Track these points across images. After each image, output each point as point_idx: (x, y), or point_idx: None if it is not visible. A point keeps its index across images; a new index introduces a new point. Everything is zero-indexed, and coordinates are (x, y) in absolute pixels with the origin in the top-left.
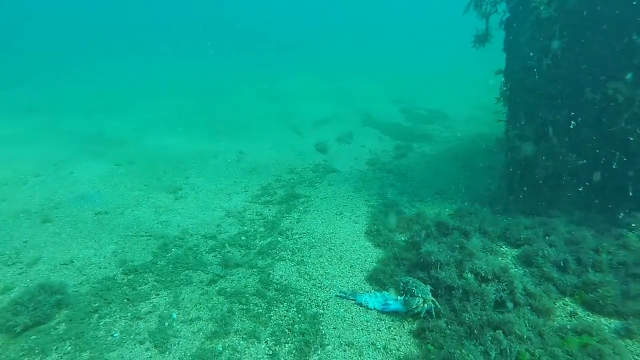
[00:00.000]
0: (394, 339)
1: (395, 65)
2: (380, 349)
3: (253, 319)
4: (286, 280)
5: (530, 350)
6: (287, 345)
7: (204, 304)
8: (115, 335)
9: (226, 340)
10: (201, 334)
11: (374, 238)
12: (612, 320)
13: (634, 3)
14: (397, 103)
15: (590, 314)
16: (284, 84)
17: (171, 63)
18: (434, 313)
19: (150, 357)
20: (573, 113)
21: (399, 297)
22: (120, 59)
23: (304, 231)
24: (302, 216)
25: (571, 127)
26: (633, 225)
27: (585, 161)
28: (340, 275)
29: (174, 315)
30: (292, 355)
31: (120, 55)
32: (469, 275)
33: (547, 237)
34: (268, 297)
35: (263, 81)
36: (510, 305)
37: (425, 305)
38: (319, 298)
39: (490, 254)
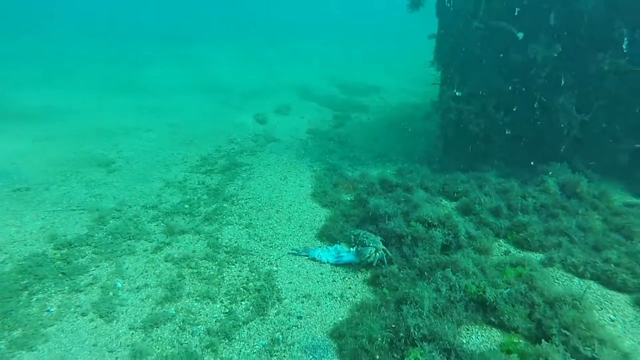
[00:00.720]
0: (350, 287)
1: (331, 42)
2: (337, 297)
3: (205, 281)
4: (236, 242)
5: (476, 283)
6: (243, 302)
7: (150, 271)
8: (51, 310)
9: (178, 303)
10: (150, 300)
11: (320, 199)
12: (537, 253)
13: None
14: (333, 79)
15: (520, 251)
16: (215, 62)
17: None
18: (385, 261)
19: (95, 327)
20: (500, 74)
21: (351, 249)
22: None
23: (249, 196)
24: (246, 183)
25: (497, 86)
26: (550, 173)
27: (510, 118)
28: (290, 235)
29: (119, 285)
30: (250, 311)
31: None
32: (416, 223)
33: (481, 189)
34: (219, 260)
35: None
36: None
37: (377, 254)
38: (272, 256)
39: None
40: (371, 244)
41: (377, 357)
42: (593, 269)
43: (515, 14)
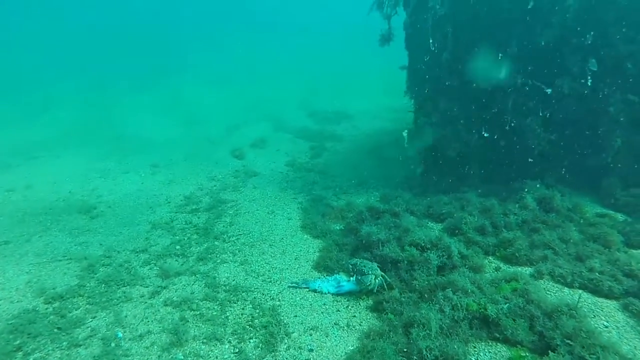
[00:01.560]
0: (354, 316)
1: (302, 70)
2: (344, 327)
3: (209, 322)
4: (234, 280)
5: (476, 301)
6: (251, 340)
7: (151, 317)
8: (119, 335)
9: (185, 348)
10: (156, 347)
11: (311, 230)
12: (526, 267)
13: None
14: (304, 107)
15: (510, 266)
16: (185, 94)
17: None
18: (385, 286)
19: None
20: (471, 100)
21: (350, 278)
22: None
23: (240, 233)
24: (234, 219)
25: (471, 112)
26: (526, 190)
27: (484, 141)
28: (287, 268)
29: (120, 334)
30: (260, 349)
31: None
32: (410, 247)
33: (464, 209)
34: (219, 299)
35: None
36: (450, 267)
37: (376, 280)
38: (272, 291)
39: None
40: (370, 272)
41: None
42: (580, 278)
43: (487, 41)
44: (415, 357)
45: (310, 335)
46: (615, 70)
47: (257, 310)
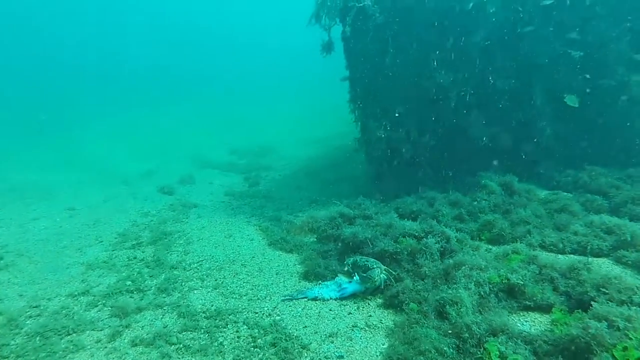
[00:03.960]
0: (370, 315)
1: (218, 108)
2: (365, 328)
3: (200, 353)
4: (212, 305)
5: (495, 274)
6: None
7: None
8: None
9: None
10: None
11: (281, 246)
12: (514, 244)
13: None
14: (225, 144)
15: (498, 246)
16: (92, 144)
17: None
18: (393, 280)
19: None
20: (417, 103)
21: (352, 279)
22: None
23: (201, 259)
24: (188, 247)
25: (419, 113)
26: (483, 181)
27: (435, 140)
28: (272, 284)
29: None
30: None
31: None
32: (405, 238)
33: (432, 205)
34: (203, 327)
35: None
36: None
37: (382, 275)
38: (265, 308)
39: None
40: (375, 265)
41: None
42: (570, 243)
43: (426, 44)
44: (466, 334)
45: (332, 342)
46: (534, 67)
47: (256, 330)
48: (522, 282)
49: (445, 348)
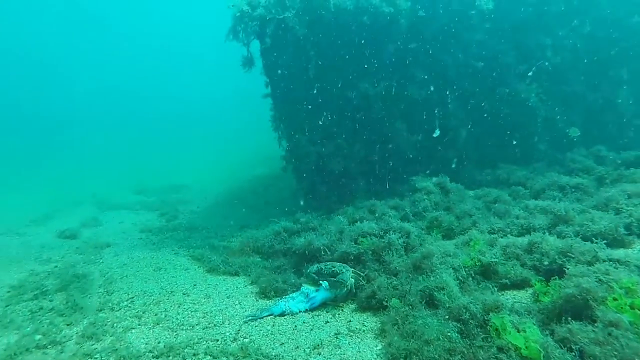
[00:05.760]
0: (350, 320)
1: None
2: (350, 333)
3: None
4: (159, 342)
5: (467, 258)
6: None
7: None
8: None
9: None
10: None
11: (224, 270)
12: (465, 236)
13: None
14: (132, 185)
15: (450, 239)
16: None
17: None
18: (363, 281)
19: None
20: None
21: (320, 287)
22: None
23: (131, 296)
24: (110, 287)
25: (347, 124)
26: (416, 185)
27: (365, 151)
28: (226, 307)
29: None
30: None
31: None
32: (365, 238)
33: (374, 213)
34: None
35: None
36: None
37: (352, 279)
38: (227, 333)
39: None
40: (343, 269)
41: (469, 347)
42: (515, 226)
43: (347, 57)
44: (466, 315)
45: (319, 354)
46: (444, 76)
47: (224, 358)
48: (496, 260)
49: (450, 332)
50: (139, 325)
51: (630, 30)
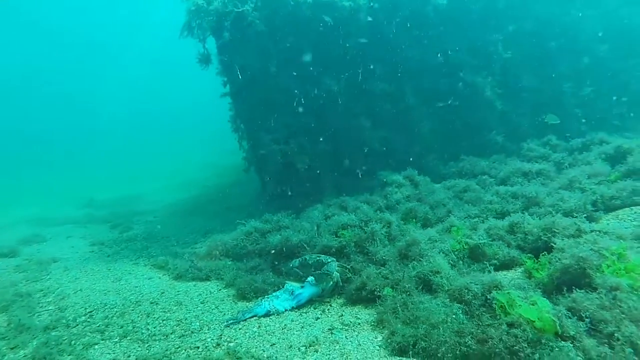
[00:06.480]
0: (342, 315)
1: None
2: (345, 328)
3: None
4: (129, 356)
5: (454, 242)
6: None
7: None
8: None
9: None
10: None
11: (194, 276)
12: (443, 224)
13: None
14: (77, 199)
15: (429, 229)
16: None
17: None
18: (349, 274)
19: None
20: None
21: (305, 282)
22: None
23: (89, 310)
24: (62, 303)
25: (309, 122)
26: (385, 180)
27: (329, 148)
28: (202, 312)
29: None
30: None
31: None
32: (345, 230)
33: (346, 209)
34: None
35: None
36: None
37: (338, 270)
38: (209, 339)
39: None
40: (329, 260)
41: (477, 327)
42: (490, 211)
43: (309, 52)
44: (468, 296)
45: (317, 351)
46: (405, 71)
47: None
48: (484, 242)
49: (457, 313)
50: (102, 340)
51: (565, 27)
